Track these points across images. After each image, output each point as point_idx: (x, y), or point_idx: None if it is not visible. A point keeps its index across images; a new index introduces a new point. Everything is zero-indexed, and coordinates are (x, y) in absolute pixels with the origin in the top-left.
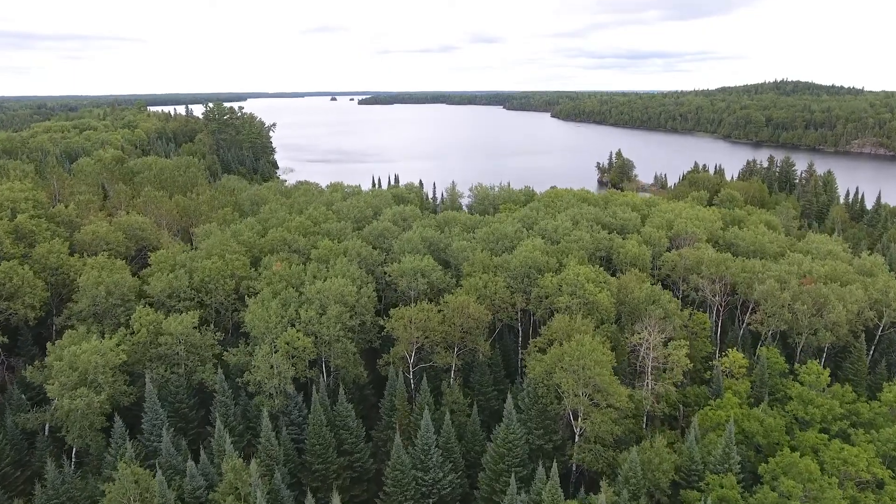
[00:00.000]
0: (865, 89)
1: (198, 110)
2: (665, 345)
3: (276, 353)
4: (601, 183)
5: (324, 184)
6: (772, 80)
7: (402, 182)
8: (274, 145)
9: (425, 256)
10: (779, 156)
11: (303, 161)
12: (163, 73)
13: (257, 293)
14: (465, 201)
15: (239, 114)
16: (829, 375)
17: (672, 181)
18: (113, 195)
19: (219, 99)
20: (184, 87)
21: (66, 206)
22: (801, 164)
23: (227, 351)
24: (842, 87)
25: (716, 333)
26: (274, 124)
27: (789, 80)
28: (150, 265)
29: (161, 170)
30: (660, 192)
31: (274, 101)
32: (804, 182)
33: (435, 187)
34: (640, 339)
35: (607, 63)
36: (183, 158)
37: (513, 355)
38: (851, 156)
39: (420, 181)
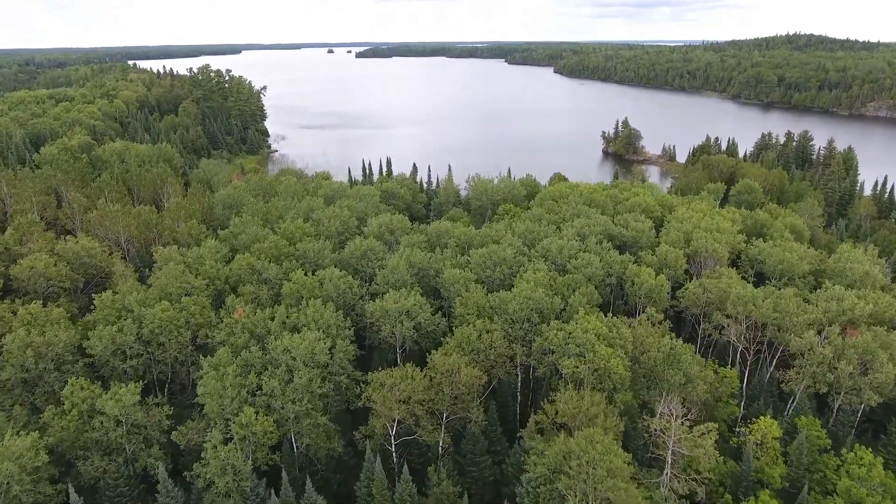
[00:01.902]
0: (881, 42)
1: (188, 64)
2: (690, 428)
3: (229, 442)
4: (606, 153)
5: (314, 159)
6: (784, 34)
7: (394, 163)
8: (266, 108)
9: (412, 292)
10: (790, 119)
11: (295, 127)
12: (154, 25)
13: (217, 346)
14: (462, 188)
15: (227, 77)
16: (871, 443)
17: (680, 153)
18: (66, 205)
19: (213, 52)
20: (176, 39)
21: (3, 232)
22: (814, 129)
23: (176, 429)
24: (856, 42)
25: (741, 382)
26: (264, 87)
27: (802, 33)
28: (94, 308)
29: (128, 163)
30: (668, 164)
31: (269, 55)
32: (823, 161)
33: (430, 171)
34: (660, 424)
35: (613, 12)
36: (154, 147)
37: (511, 402)
38: (867, 119)
39: (414, 165)
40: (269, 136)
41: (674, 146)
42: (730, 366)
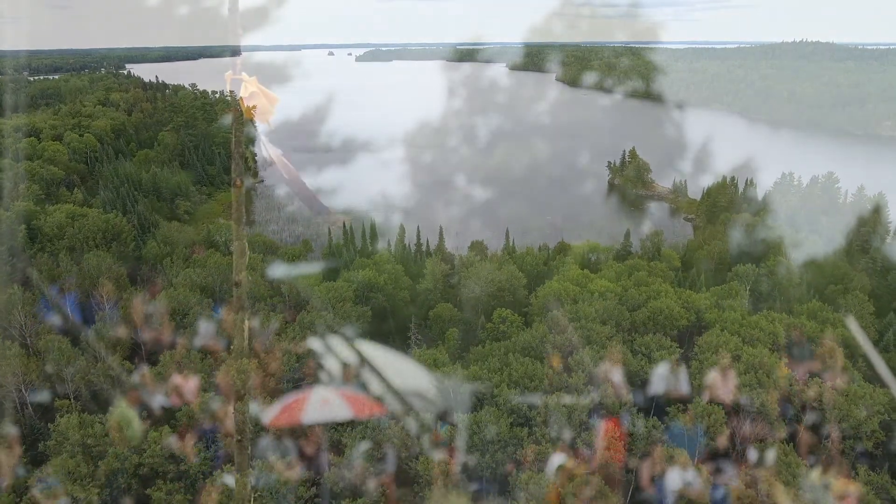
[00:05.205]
0: (891, 48)
1: (186, 68)
2: None
3: None
4: (612, 185)
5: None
6: (790, 41)
7: (377, 219)
8: (258, 127)
9: None
10: (802, 140)
11: (285, 150)
12: (152, 23)
13: None
14: (454, 251)
15: (213, 98)
16: None
17: (692, 187)
18: None
19: (211, 54)
20: (176, 40)
21: None
22: (830, 153)
23: None
24: (865, 50)
25: None
26: (255, 106)
27: (808, 40)
28: None
29: (70, 238)
30: (679, 201)
31: (269, 56)
32: (851, 207)
33: (419, 233)
34: None
35: (614, 12)
36: (104, 218)
37: None
38: (883, 141)
39: (402, 227)
40: (256, 160)
41: (685, 181)
42: None
